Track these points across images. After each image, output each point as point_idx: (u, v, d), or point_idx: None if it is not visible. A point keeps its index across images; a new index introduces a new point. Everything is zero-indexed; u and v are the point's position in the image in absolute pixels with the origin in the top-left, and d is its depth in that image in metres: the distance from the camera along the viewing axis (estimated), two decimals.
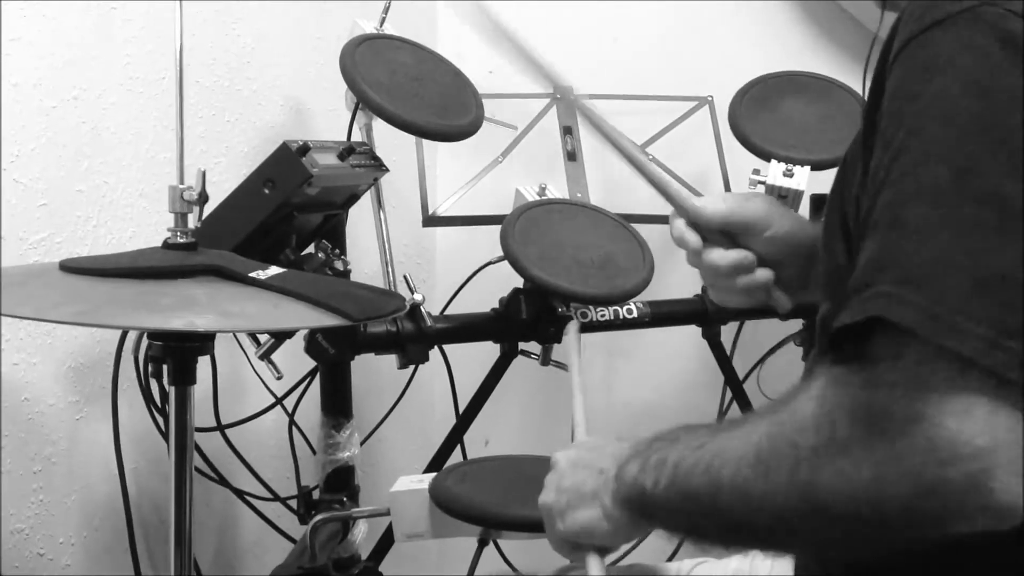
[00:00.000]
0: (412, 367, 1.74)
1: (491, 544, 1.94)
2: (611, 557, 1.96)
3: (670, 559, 1.70)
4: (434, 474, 1.50)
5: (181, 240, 1.24)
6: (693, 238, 1.12)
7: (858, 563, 0.84)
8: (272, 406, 1.84)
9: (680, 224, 1.13)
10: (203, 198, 1.23)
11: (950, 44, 0.74)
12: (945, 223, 0.70)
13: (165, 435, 1.45)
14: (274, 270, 1.21)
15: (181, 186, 1.24)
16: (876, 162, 0.76)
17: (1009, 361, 0.67)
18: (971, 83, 0.72)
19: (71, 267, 1.17)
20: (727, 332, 1.97)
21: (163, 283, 1.13)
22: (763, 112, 1.97)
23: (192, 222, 1.26)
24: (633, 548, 2.00)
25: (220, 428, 1.76)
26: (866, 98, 0.83)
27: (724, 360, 1.98)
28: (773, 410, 0.80)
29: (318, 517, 1.56)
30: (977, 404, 0.67)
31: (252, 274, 1.16)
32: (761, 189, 1.88)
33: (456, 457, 1.86)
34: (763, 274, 1.11)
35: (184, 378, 1.24)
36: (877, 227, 0.74)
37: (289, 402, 1.84)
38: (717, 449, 0.81)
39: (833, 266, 0.89)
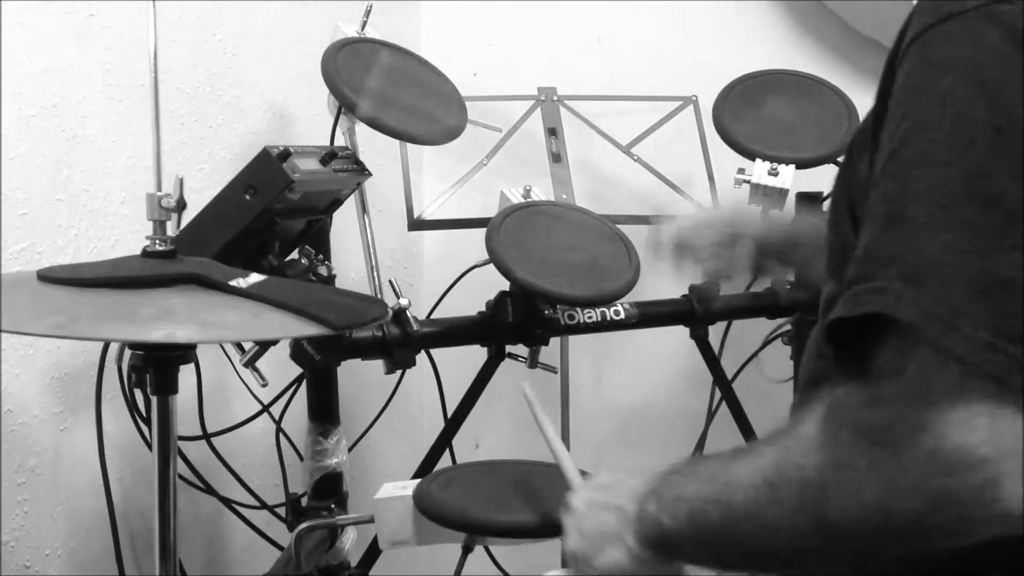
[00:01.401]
0: (399, 372, 1.73)
1: (483, 549, 1.94)
2: None
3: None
4: (419, 480, 1.49)
5: (160, 248, 1.23)
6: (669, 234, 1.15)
7: None
8: (259, 413, 1.83)
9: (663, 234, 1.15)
10: (181, 205, 1.22)
11: (961, 40, 0.73)
12: (949, 223, 0.70)
13: (150, 444, 1.44)
14: (255, 277, 1.19)
15: (159, 193, 1.23)
16: (881, 151, 0.76)
17: (1009, 365, 0.67)
18: (980, 82, 0.72)
19: (48, 277, 1.16)
20: (715, 332, 1.97)
21: (142, 292, 1.11)
22: (747, 111, 1.97)
23: (171, 229, 1.25)
24: None
25: (206, 436, 1.74)
26: (878, 83, 0.82)
27: (712, 360, 1.97)
28: (779, 436, 0.80)
29: (302, 525, 1.54)
30: (979, 413, 0.67)
31: (232, 282, 1.14)
32: (746, 188, 1.87)
33: (445, 462, 1.85)
34: (738, 265, 1.11)
35: (166, 387, 1.23)
36: (877, 219, 0.74)
37: (276, 409, 1.83)
38: (728, 479, 0.81)
39: (839, 245, 0.88)
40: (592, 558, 0.96)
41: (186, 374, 1.30)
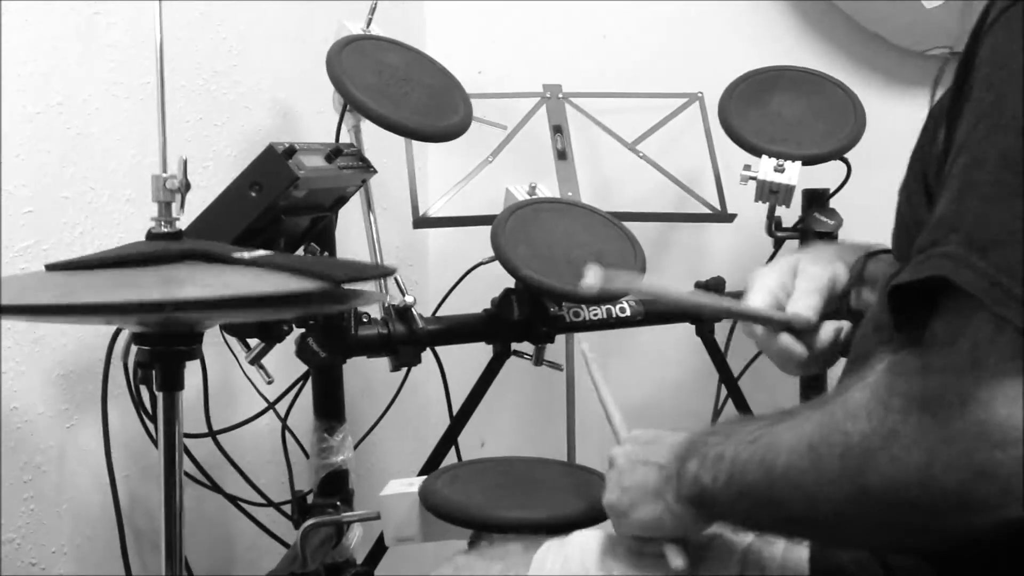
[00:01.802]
0: (405, 370, 1.73)
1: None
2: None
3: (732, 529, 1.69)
4: (424, 477, 1.49)
5: (165, 230, 1.23)
6: (800, 349, 1.06)
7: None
8: (264, 411, 1.83)
9: (786, 339, 1.06)
10: (186, 186, 1.21)
11: None
12: (1018, 191, 0.70)
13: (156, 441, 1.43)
14: (260, 252, 1.19)
15: (163, 175, 1.23)
16: (964, 124, 0.76)
17: None
18: None
19: (56, 266, 1.16)
20: (721, 329, 1.96)
21: (147, 269, 1.11)
22: (753, 107, 1.97)
23: (176, 211, 1.24)
24: None
25: (212, 434, 1.74)
26: (959, 59, 0.82)
27: (718, 358, 1.97)
28: (825, 401, 0.79)
29: (308, 522, 1.55)
30: None
31: (236, 255, 1.14)
32: (752, 184, 1.87)
33: (451, 459, 1.85)
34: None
35: (172, 383, 1.23)
36: (951, 187, 0.74)
37: (282, 407, 1.83)
38: (770, 441, 0.82)
39: (913, 221, 0.88)
40: (630, 512, 0.97)
41: (192, 372, 1.30)
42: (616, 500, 0.99)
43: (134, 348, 1.29)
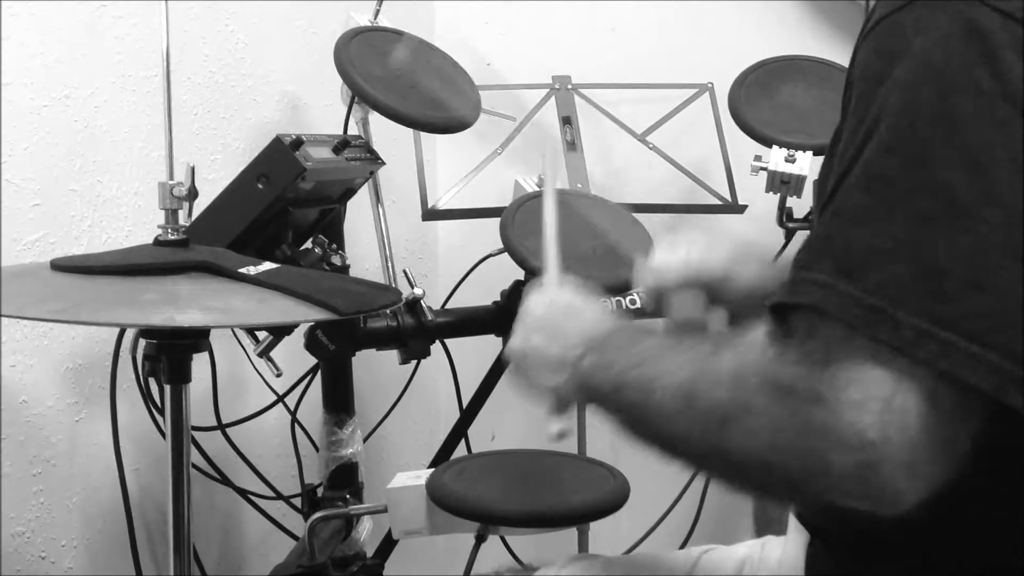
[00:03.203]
0: (414, 362, 1.73)
1: (498, 538, 1.94)
2: (624, 545, 1.93)
3: (681, 547, 1.69)
4: (432, 470, 1.49)
5: (172, 237, 1.23)
6: (648, 289, 1.14)
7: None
8: (274, 404, 1.82)
9: (641, 276, 1.15)
10: (193, 194, 1.22)
11: (915, 29, 0.73)
12: (889, 213, 0.70)
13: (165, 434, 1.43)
14: (267, 266, 1.19)
15: (170, 182, 1.23)
16: (843, 144, 0.77)
17: (941, 352, 0.67)
18: (930, 72, 0.71)
19: (61, 265, 1.16)
20: None
21: (151, 280, 1.12)
22: (763, 98, 1.95)
23: (183, 218, 1.25)
24: (644, 538, 2.00)
25: (221, 427, 1.74)
26: (845, 76, 0.83)
27: None
28: (703, 350, 0.82)
29: (316, 515, 1.54)
30: (875, 397, 0.68)
31: (242, 270, 1.14)
32: (763, 175, 1.86)
33: (461, 452, 1.85)
34: (715, 322, 1.11)
35: (179, 376, 1.22)
36: (827, 207, 0.75)
37: (291, 400, 1.83)
38: (654, 373, 0.84)
39: None
40: (529, 371, 1.00)
41: (201, 366, 1.30)
42: (518, 350, 1.01)
43: (142, 341, 1.29)
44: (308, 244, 1.63)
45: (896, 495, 0.69)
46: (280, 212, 1.51)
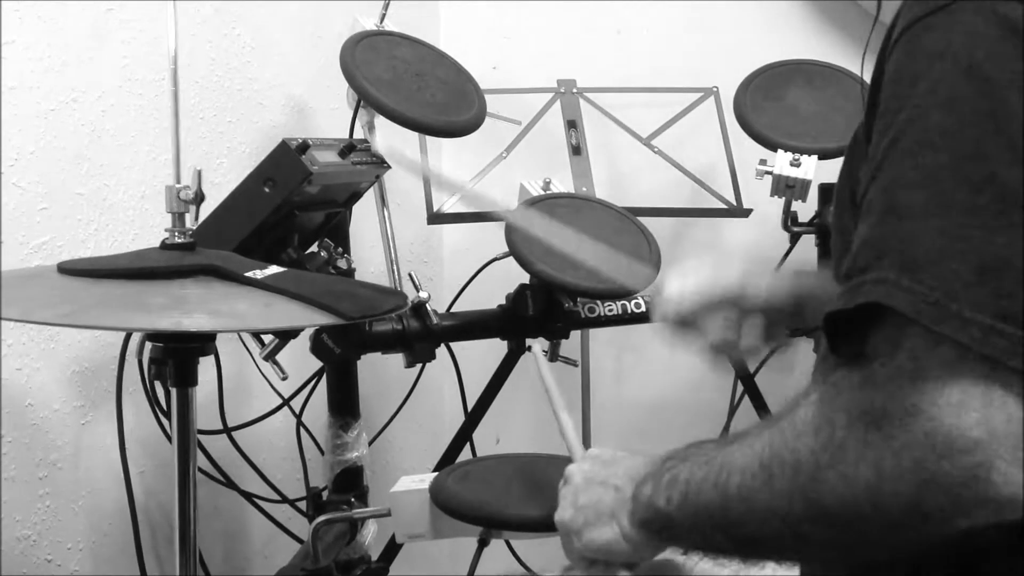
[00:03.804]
0: (419, 366, 1.73)
1: (503, 542, 1.94)
2: None
3: (684, 553, 1.68)
4: (435, 474, 1.49)
5: (179, 240, 1.23)
6: (671, 330, 1.11)
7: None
8: (279, 407, 1.83)
9: (657, 316, 1.12)
10: (199, 197, 1.22)
11: (952, 29, 0.73)
12: (945, 210, 0.69)
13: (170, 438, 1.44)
14: (273, 269, 1.19)
15: (177, 186, 1.23)
16: (875, 145, 0.76)
17: (1010, 348, 0.66)
18: (971, 69, 0.71)
19: (68, 269, 1.16)
20: None
21: (158, 283, 1.12)
22: (769, 101, 1.95)
23: (190, 222, 1.25)
24: None
25: (227, 430, 1.75)
26: (870, 78, 0.82)
27: None
28: (776, 419, 0.79)
29: (320, 519, 1.54)
30: (973, 395, 0.66)
31: (249, 273, 1.14)
32: (768, 179, 1.86)
33: (466, 456, 1.85)
34: (749, 335, 1.09)
35: (185, 379, 1.23)
36: (873, 211, 0.74)
37: (297, 403, 1.83)
38: (723, 462, 0.81)
39: (846, 247, 0.88)
40: (583, 533, 0.96)
41: (207, 369, 1.30)
42: (570, 519, 0.98)
43: (148, 345, 1.30)
44: (314, 247, 1.63)
45: (1016, 492, 0.66)
46: (286, 216, 1.51)
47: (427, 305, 1.65)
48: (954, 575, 0.80)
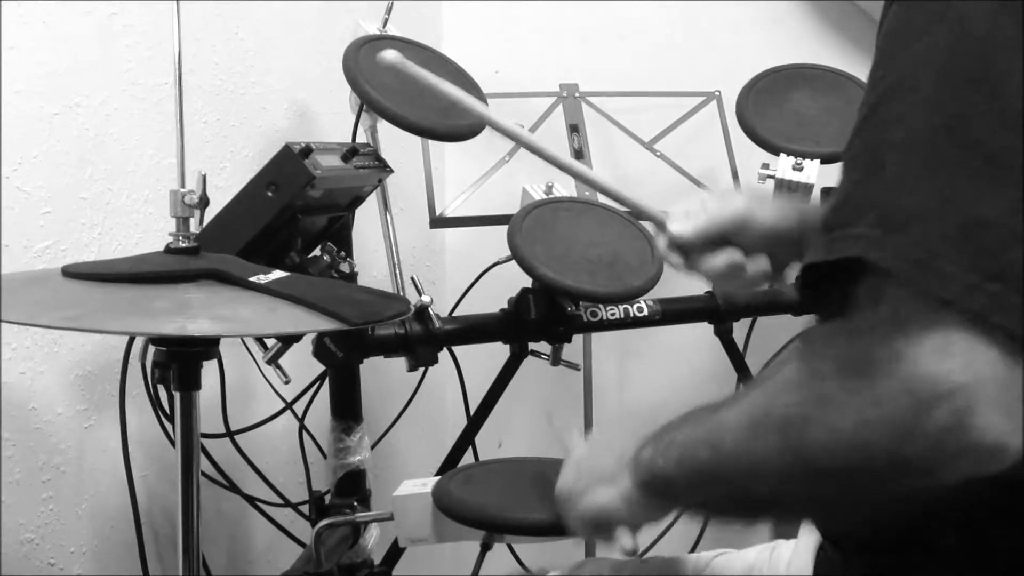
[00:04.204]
0: (422, 369, 1.73)
1: (506, 546, 1.94)
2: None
3: (692, 551, 1.68)
4: (438, 478, 1.49)
5: (183, 244, 1.23)
6: (675, 260, 1.11)
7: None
8: (282, 411, 1.83)
9: (662, 244, 1.12)
10: (204, 202, 1.22)
11: None
12: (931, 171, 0.69)
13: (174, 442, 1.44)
14: (277, 274, 1.19)
15: (182, 190, 1.23)
16: (863, 103, 0.76)
17: (991, 304, 0.66)
18: (967, 33, 0.72)
19: (72, 272, 1.16)
20: (739, 328, 1.95)
21: (162, 288, 1.12)
22: (771, 106, 1.96)
23: (194, 226, 1.25)
24: (656, 541, 2.00)
25: (229, 434, 1.75)
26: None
27: (737, 357, 1.96)
28: (763, 379, 0.81)
29: (322, 523, 1.54)
30: (956, 340, 0.66)
31: (252, 278, 1.15)
32: (770, 184, 1.86)
33: (468, 460, 1.85)
34: (755, 267, 1.09)
35: (189, 383, 1.23)
36: (856, 166, 0.74)
37: (299, 407, 1.83)
38: (716, 422, 0.83)
39: None
40: (583, 496, 0.98)
41: (210, 373, 1.30)
42: (571, 482, 1.00)
43: (152, 349, 1.30)
44: (317, 251, 1.63)
45: (999, 440, 0.66)
46: (289, 220, 1.52)
47: (430, 309, 1.65)
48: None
